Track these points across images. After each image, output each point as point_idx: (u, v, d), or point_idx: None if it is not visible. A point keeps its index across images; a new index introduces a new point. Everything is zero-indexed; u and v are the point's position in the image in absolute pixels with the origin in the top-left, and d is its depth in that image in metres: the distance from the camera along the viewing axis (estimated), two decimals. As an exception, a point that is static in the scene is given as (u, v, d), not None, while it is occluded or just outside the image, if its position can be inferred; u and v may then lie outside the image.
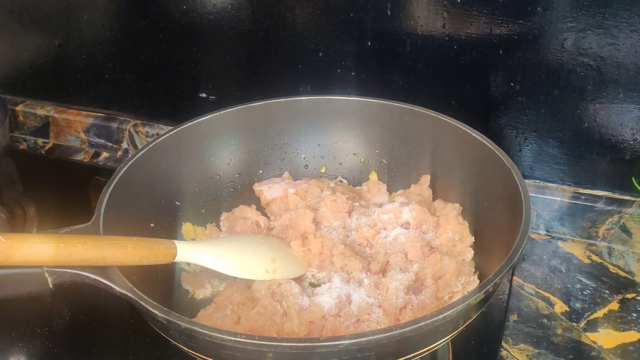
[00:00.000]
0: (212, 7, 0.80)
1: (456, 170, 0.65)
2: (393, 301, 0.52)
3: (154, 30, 0.85)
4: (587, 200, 0.75)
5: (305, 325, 0.51)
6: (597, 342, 0.62)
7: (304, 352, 0.39)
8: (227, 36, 0.82)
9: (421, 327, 0.40)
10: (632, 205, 0.73)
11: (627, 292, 0.68)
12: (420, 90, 0.77)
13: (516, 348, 0.61)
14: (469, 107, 0.76)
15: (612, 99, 0.69)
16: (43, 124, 0.99)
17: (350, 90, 0.79)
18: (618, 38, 0.65)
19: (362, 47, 0.76)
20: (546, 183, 0.77)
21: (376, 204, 0.68)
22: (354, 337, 0.39)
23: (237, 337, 0.39)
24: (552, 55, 0.69)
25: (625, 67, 0.67)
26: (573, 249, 0.75)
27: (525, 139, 0.76)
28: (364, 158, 0.73)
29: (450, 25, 0.71)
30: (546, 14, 0.67)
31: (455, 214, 0.63)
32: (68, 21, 0.90)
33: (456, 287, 0.55)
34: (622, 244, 0.74)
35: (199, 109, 0.83)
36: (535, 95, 0.72)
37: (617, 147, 0.72)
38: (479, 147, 0.61)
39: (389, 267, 0.58)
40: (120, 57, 0.90)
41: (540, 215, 0.77)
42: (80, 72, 0.94)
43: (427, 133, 0.67)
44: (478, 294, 0.42)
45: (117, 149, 0.97)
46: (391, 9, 0.72)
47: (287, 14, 0.77)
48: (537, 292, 0.68)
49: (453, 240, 0.61)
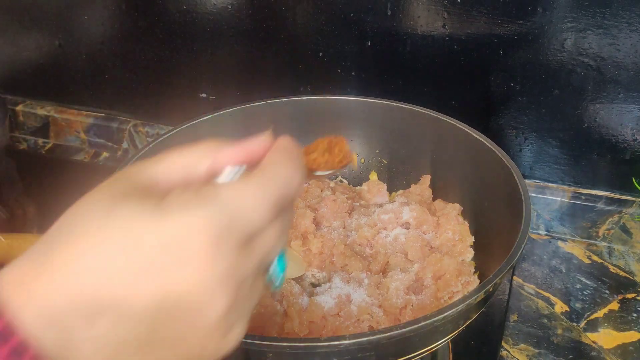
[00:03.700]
0: (212, 7, 0.80)
1: (456, 170, 0.65)
2: (393, 301, 0.52)
3: (154, 30, 0.85)
4: (587, 200, 0.75)
5: (305, 325, 0.51)
6: (597, 342, 0.62)
7: (304, 352, 0.39)
8: (227, 36, 0.82)
9: (421, 327, 0.40)
10: (633, 205, 0.73)
11: (627, 292, 0.68)
12: (420, 90, 0.77)
13: (516, 348, 0.61)
14: (469, 107, 0.76)
15: (612, 99, 0.69)
16: (43, 124, 0.99)
17: (350, 90, 0.79)
18: (618, 38, 0.65)
19: (362, 47, 0.76)
20: (546, 183, 0.77)
21: (376, 204, 0.68)
22: (354, 337, 0.39)
23: (237, 337, 0.39)
24: (552, 55, 0.69)
25: (625, 67, 0.67)
26: (573, 249, 0.75)
27: (526, 139, 0.76)
28: (364, 158, 0.73)
29: (450, 25, 0.71)
30: (546, 14, 0.67)
31: (456, 214, 0.63)
32: (68, 21, 0.90)
33: (456, 287, 0.55)
34: (622, 244, 0.74)
35: (199, 109, 0.83)
36: (536, 95, 0.72)
37: (617, 147, 0.72)
38: (479, 147, 0.61)
39: (389, 267, 0.58)
40: (120, 57, 0.90)
41: (540, 215, 0.77)
42: (80, 72, 0.94)
43: (427, 133, 0.67)
44: (478, 294, 0.42)
45: (117, 149, 0.97)
46: (391, 9, 0.72)
47: (287, 14, 0.77)
48: (537, 292, 0.68)
49: (453, 240, 0.61)
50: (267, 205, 0.28)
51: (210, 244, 0.26)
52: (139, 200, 0.27)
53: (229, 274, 0.27)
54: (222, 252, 0.26)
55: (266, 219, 0.28)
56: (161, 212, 0.26)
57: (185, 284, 0.26)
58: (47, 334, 0.25)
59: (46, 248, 0.26)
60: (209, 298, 0.26)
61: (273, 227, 0.30)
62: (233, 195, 0.27)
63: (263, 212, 0.28)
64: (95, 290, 0.25)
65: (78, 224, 0.27)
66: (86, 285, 0.25)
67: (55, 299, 0.25)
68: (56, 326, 0.25)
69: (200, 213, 0.26)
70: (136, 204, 0.26)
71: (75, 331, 0.25)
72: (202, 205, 0.26)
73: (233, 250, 0.27)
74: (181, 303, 0.26)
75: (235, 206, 0.27)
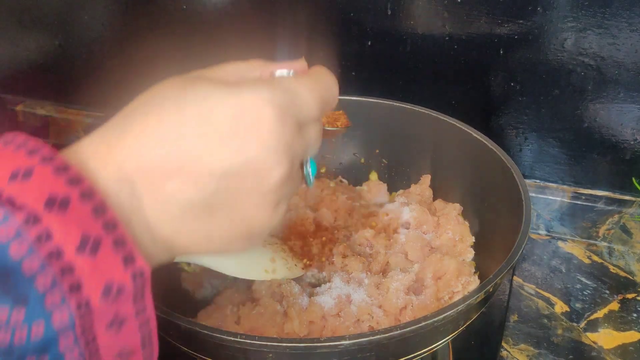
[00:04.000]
0: (212, 6, 0.80)
1: (456, 170, 0.65)
2: (393, 301, 0.52)
3: (154, 30, 0.85)
4: (587, 200, 0.75)
5: (305, 325, 0.51)
6: (598, 342, 0.62)
7: (304, 352, 0.39)
8: (227, 36, 0.82)
9: (421, 328, 0.40)
10: (633, 205, 0.73)
11: (627, 292, 0.68)
12: (421, 90, 0.77)
13: (516, 348, 0.61)
14: (469, 107, 0.76)
15: (612, 99, 0.69)
16: (43, 124, 0.99)
17: (350, 90, 0.79)
18: (618, 38, 0.65)
19: (362, 47, 0.76)
20: (546, 183, 0.77)
21: (376, 204, 0.68)
22: (354, 337, 0.39)
23: (237, 337, 0.39)
24: (552, 55, 0.69)
25: (625, 67, 0.67)
26: (573, 249, 0.75)
27: (526, 139, 0.76)
28: (364, 158, 0.73)
29: (450, 25, 0.71)
30: (546, 13, 0.67)
31: (456, 214, 0.63)
32: (68, 21, 0.90)
33: (456, 288, 0.55)
34: (623, 244, 0.74)
35: (199, 109, 0.83)
36: (536, 95, 0.72)
37: (617, 147, 0.72)
38: (479, 147, 0.61)
39: (389, 267, 0.58)
40: (120, 57, 0.90)
41: (540, 215, 0.77)
42: (80, 72, 0.94)
43: (427, 133, 0.67)
44: (478, 294, 0.42)
45: (117, 149, 0.97)
46: (391, 9, 0.72)
47: (287, 13, 0.77)
48: (538, 292, 0.68)
49: (453, 241, 0.61)
50: (317, 98, 0.33)
51: (276, 118, 0.29)
52: (211, 82, 0.30)
53: (289, 146, 0.30)
54: (285, 126, 0.30)
55: (315, 110, 0.33)
56: (232, 90, 0.29)
57: (254, 149, 0.29)
58: (120, 194, 0.27)
59: (123, 120, 0.30)
60: (272, 164, 0.29)
61: (316, 125, 0.34)
62: (292, 84, 0.32)
63: (314, 103, 0.32)
64: (166, 155, 0.28)
65: (155, 101, 0.30)
66: (157, 151, 0.28)
67: (127, 163, 0.28)
68: (128, 186, 0.28)
69: (267, 91, 0.29)
70: (209, 84, 0.30)
71: (146, 192, 0.28)
72: (268, 87, 0.30)
73: (292, 128, 0.30)
74: (249, 165, 0.29)
75: (295, 92, 0.31)
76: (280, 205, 0.33)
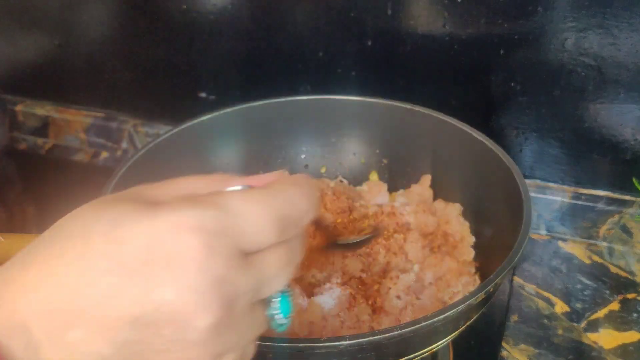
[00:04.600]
0: (212, 7, 0.80)
1: (457, 170, 0.65)
2: (393, 302, 0.52)
3: (153, 30, 0.85)
4: (587, 200, 0.75)
5: (305, 326, 0.51)
6: (598, 342, 0.61)
7: (304, 352, 0.39)
8: (227, 36, 0.81)
9: (421, 328, 0.40)
10: (633, 205, 0.73)
11: (627, 292, 0.68)
12: (421, 90, 0.77)
13: (517, 348, 0.61)
14: (469, 107, 0.76)
15: (612, 99, 0.69)
16: (43, 124, 0.99)
17: (350, 90, 0.79)
18: (619, 38, 0.65)
19: (362, 47, 0.76)
20: (547, 183, 0.77)
21: (376, 204, 0.68)
22: (354, 338, 0.39)
23: (237, 338, 0.39)
24: (552, 55, 0.69)
25: (626, 67, 0.67)
26: (574, 249, 0.75)
27: (526, 139, 0.76)
28: (364, 158, 0.73)
29: (450, 25, 0.71)
30: (547, 13, 0.67)
31: (456, 214, 0.63)
32: (68, 21, 0.90)
33: (457, 288, 0.55)
34: (623, 244, 0.74)
35: (199, 109, 0.83)
36: (536, 95, 0.72)
37: (617, 147, 0.72)
38: (479, 147, 0.61)
39: (389, 267, 0.58)
40: (120, 57, 0.90)
41: (540, 215, 0.77)
42: (80, 72, 0.94)
43: (428, 133, 0.67)
44: (479, 295, 0.42)
45: (116, 148, 0.97)
46: (391, 9, 0.72)
47: (287, 13, 0.77)
48: (538, 292, 0.68)
49: (453, 241, 0.61)
50: (270, 218, 0.26)
51: (200, 248, 0.23)
52: (130, 203, 0.25)
53: (219, 284, 0.24)
54: (213, 258, 0.24)
55: (268, 233, 0.26)
56: (150, 213, 0.24)
57: (169, 290, 0.23)
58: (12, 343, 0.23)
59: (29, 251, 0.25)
60: (195, 307, 0.24)
61: (277, 250, 0.27)
62: (232, 201, 0.25)
63: (264, 225, 0.26)
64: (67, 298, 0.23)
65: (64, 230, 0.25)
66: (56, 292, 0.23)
67: (23, 306, 0.23)
68: (23, 335, 0.23)
69: (192, 213, 0.24)
70: (126, 206, 0.25)
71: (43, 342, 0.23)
72: (195, 207, 0.24)
73: (226, 259, 0.24)
74: (165, 311, 0.23)
75: (234, 212, 0.25)
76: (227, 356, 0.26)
